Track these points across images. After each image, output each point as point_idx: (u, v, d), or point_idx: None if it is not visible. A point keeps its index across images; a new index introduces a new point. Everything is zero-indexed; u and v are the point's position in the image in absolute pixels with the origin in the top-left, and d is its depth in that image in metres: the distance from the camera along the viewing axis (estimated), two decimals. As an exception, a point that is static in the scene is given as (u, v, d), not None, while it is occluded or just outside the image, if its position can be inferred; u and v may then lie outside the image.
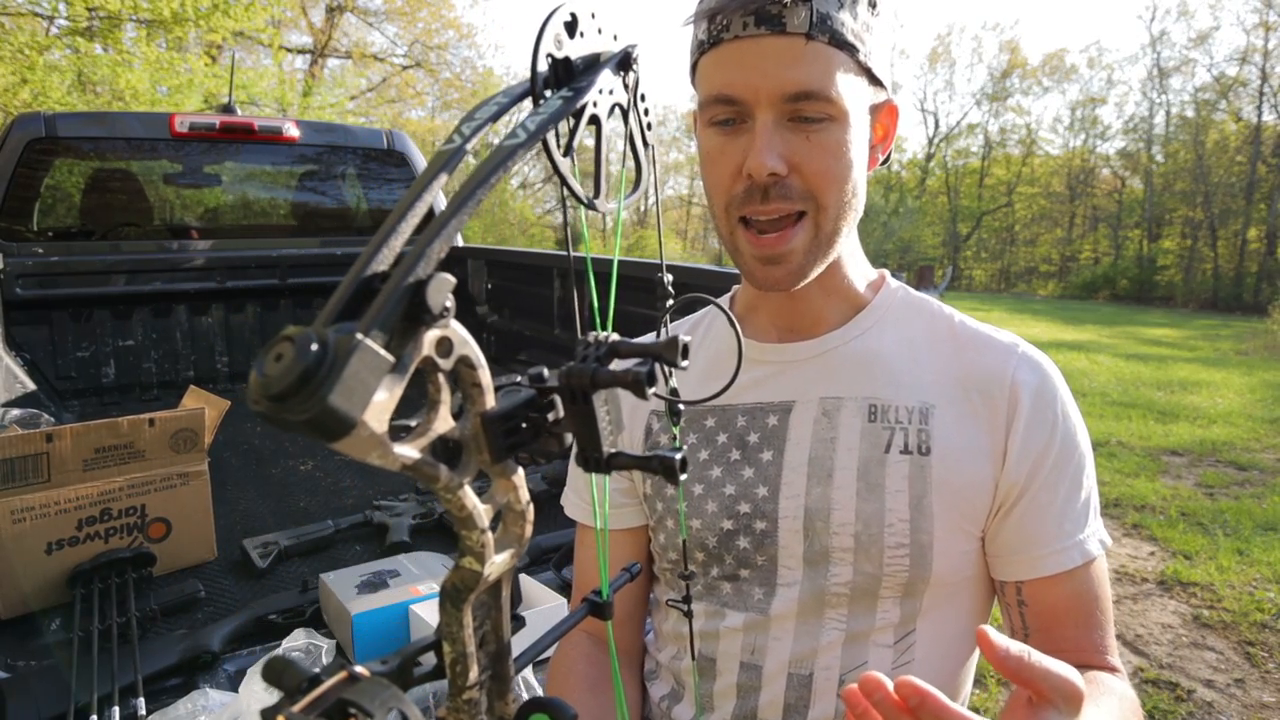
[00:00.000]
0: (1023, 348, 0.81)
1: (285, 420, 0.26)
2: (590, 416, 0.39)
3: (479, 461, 0.37)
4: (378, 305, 0.30)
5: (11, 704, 1.14)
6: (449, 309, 0.32)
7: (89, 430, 1.57)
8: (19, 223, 2.80)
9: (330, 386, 0.26)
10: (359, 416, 0.27)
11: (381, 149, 3.40)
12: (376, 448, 0.29)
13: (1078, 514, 0.78)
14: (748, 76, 0.70)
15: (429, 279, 0.31)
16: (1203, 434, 5.91)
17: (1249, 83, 26.05)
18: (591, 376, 0.38)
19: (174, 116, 2.99)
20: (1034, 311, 18.69)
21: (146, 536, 1.62)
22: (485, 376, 0.37)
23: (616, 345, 0.40)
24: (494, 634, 0.42)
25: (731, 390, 0.84)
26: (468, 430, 0.37)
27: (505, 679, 0.42)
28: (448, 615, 0.38)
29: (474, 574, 0.37)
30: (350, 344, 0.27)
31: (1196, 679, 2.61)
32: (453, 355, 0.34)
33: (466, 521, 0.36)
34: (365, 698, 0.32)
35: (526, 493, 0.40)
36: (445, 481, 0.34)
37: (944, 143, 35.89)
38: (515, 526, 0.40)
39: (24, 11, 9.43)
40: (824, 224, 0.74)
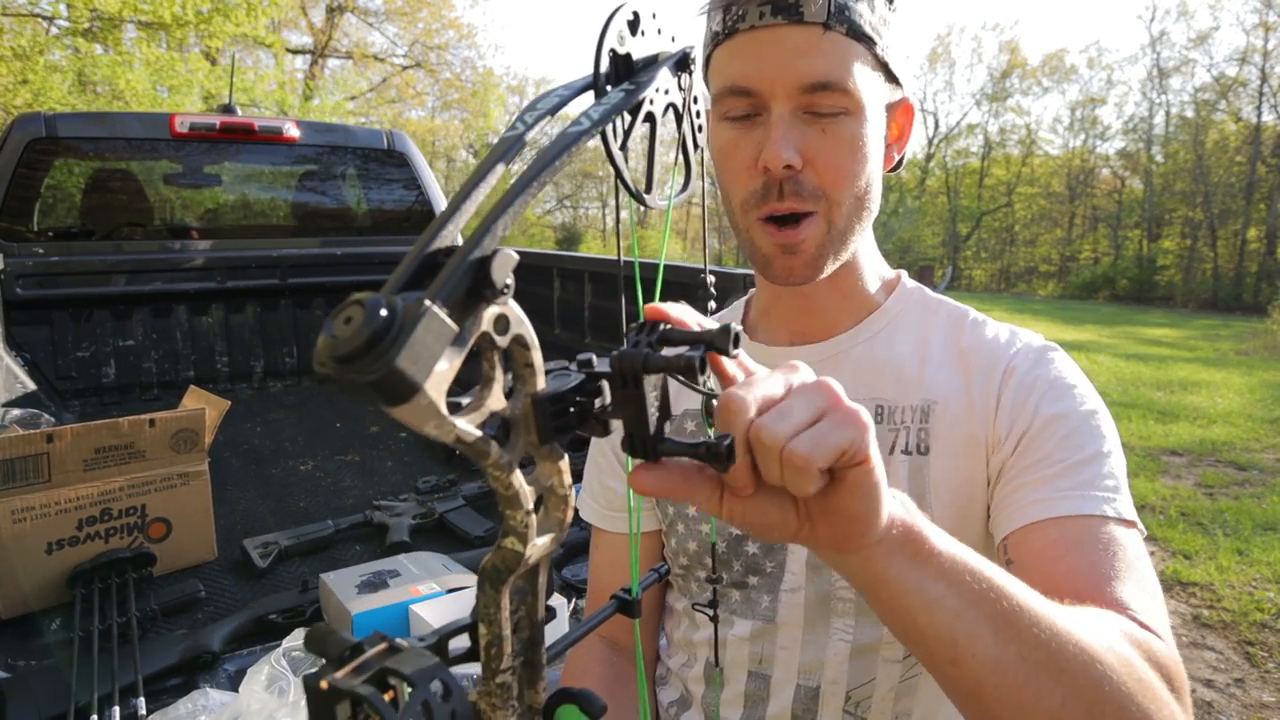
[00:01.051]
0: (1027, 336, 0.79)
1: (351, 381, 0.26)
2: (640, 401, 0.39)
3: (527, 443, 0.37)
4: (444, 276, 0.30)
5: (12, 704, 1.14)
6: (510, 286, 0.33)
7: (89, 430, 1.57)
8: (19, 223, 2.80)
9: (398, 349, 0.26)
10: (423, 382, 0.27)
11: (382, 149, 3.40)
12: (434, 417, 0.29)
13: (1077, 473, 0.68)
14: (763, 67, 0.69)
15: (494, 254, 0.32)
16: (1202, 434, 5.91)
17: (1249, 83, 26.05)
18: (644, 361, 0.38)
19: (174, 117, 2.99)
20: (1034, 311, 18.68)
21: (147, 536, 1.62)
22: (538, 357, 0.36)
23: (668, 332, 0.40)
24: (528, 620, 0.41)
25: None
26: (518, 410, 0.37)
27: (537, 667, 0.42)
28: (486, 597, 0.38)
29: (516, 555, 0.37)
30: (419, 310, 0.27)
31: (1196, 679, 2.61)
32: (509, 333, 0.34)
33: (512, 501, 0.36)
34: (407, 665, 0.32)
35: (570, 477, 0.40)
36: (495, 459, 0.35)
37: (944, 143, 35.90)
38: (557, 510, 0.40)
39: (24, 12, 9.43)
40: (836, 220, 0.72)
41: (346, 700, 0.30)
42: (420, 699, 0.31)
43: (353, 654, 0.33)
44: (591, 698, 0.44)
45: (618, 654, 0.90)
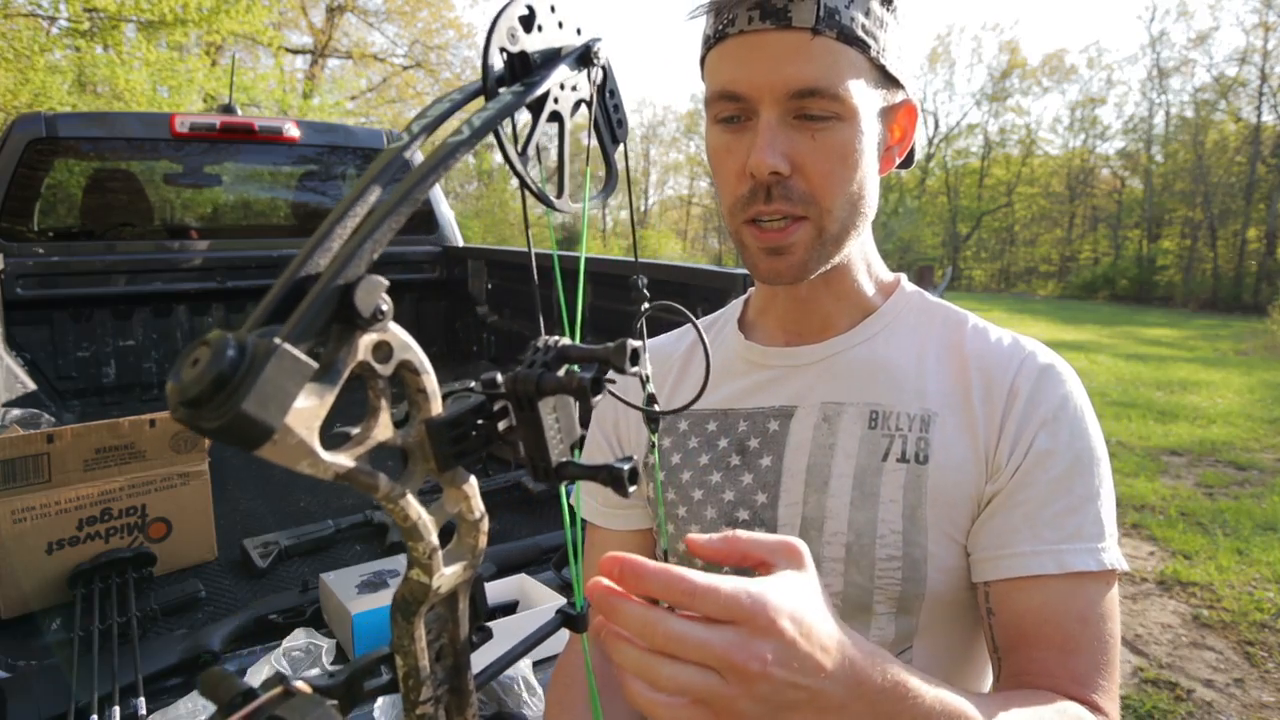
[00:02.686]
0: (1031, 350, 0.77)
1: (201, 427, 0.25)
2: (537, 424, 0.37)
3: (426, 470, 0.36)
4: (302, 309, 0.29)
5: (12, 704, 1.14)
6: (384, 312, 0.31)
7: (90, 431, 1.57)
8: (19, 223, 2.80)
9: (245, 393, 0.25)
10: (277, 424, 0.26)
11: (381, 149, 3.40)
12: (305, 456, 0.28)
13: (1065, 521, 0.70)
14: (751, 72, 0.69)
15: (358, 281, 0.30)
16: (1202, 434, 5.91)
17: (1248, 83, 26.05)
18: (537, 383, 0.37)
19: (174, 117, 2.99)
20: (1034, 311, 18.68)
21: (147, 536, 1.62)
22: (430, 382, 0.35)
23: (566, 350, 0.38)
24: (451, 648, 0.40)
25: (734, 394, 0.83)
26: (412, 437, 0.36)
27: (464, 693, 0.41)
28: (398, 628, 0.37)
29: (422, 586, 0.36)
30: (268, 349, 0.26)
31: (1196, 679, 2.61)
32: (392, 360, 0.33)
33: (411, 532, 0.35)
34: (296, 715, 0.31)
35: (479, 502, 0.39)
36: (386, 491, 0.33)
37: (944, 143, 35.90)
38: (469, 537, 0.39)
39: (24, 13, 9.42)
40: (828, 226, 0.72)
41: None
42: None
43: (244, 700, 0.32)
44: None
45: (606, 662, 0.89)
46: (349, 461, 0.31)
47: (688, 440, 0.85)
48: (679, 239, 39.34)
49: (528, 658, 1.26)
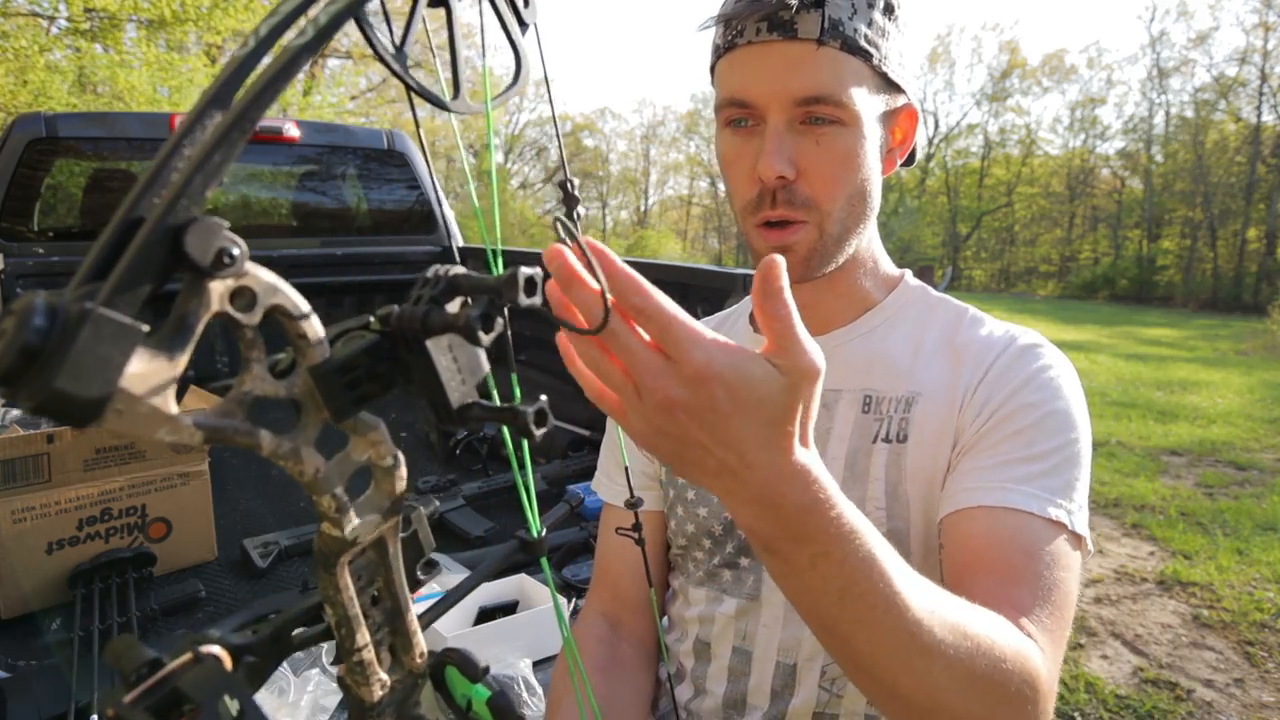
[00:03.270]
0: (1023, 336, 0.79)
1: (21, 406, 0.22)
2: (430, 365, 0.33)
3: (319, 420, 0.33)
4: (123, 263, 0.25)
5: (12, 704, 1.14)
6: (234, 256, 0.27)
7: (90, 430, 1.57)
8: (19, 223, 2.80)
9: (56, 368, 0.22)
10: (105, 393, 0.23)
11: (381, 149, 3.40)
12: (161, 423, 0.25)
13: (1018, 468, 0.70)
14: (759, 81, 0.72)
15: (189, 224, 0.26)
16: (1202, 434, 5.91)
17: (1248, 83, 26.06)
18: (423, 320, 0.33)
19: (174, 117, 2.99)
20: (1034, 311, 18.69)
21: (147, 536, 1.62)
22: (311, 327, 0.32)
23: (457, 280, 0.34)
24: (387, 591, 0.39)
25: None
26: (299, 387, 0.32)
27: (407, 634, 0.40)
28: (321, 580, 0.35)
29: (335, 539, 0.34)
30: (80, 315, 0.23)
31: (1196, 679, 2.61)
32: (258, 307, 0.30)
33: (312, 486, 0.33)
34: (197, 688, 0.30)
35: (390, 446, 0.36)
36: (271, 448, 0.31)
37: (944, 143, 35.90)
38: (385, 483, 0.36)
39: (24, 12, 9.43)
40: (829, 228, 0.76)
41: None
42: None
43: (150, 670, 0.30)
44: (470, 659, 0.43)
45: (617, 635, 0.93)
46: (218, 421, 0.28)
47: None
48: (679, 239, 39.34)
49: (527, 657, 1.26)
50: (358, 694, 0.38)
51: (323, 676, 1.18)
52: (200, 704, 0.29)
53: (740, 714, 0.83)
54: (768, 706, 0.82)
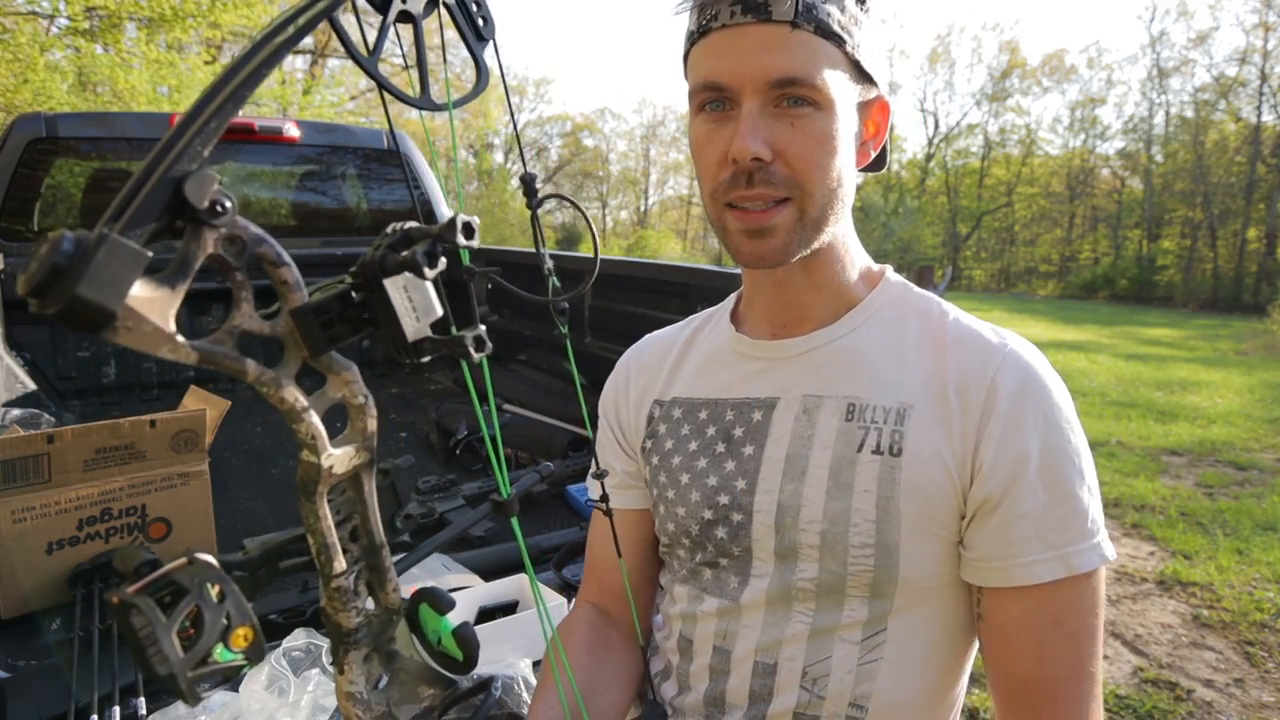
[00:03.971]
0: (1012, 346, 0.78)
1: (47, 314, 0.28)
2: (387, 303, 0.39)
3: (299, 357, 0.39)
4: (135, 203, 0.31)
5: (12, 704, 1.14)
6: (225, 207, 0.34)
7: (90, 431, 1.57)
8: (19, 223, 2.80)
9: (78, 278, 0.27)
10: (116, 306, 0.28)
11: (381, 149, 3.40)
12: (163, 342, 0.31)
13: (1068, 525, 0.72)
14: (733, 64, 0.72)
15: (187, 175, 0.33)
16: (1202, 434, 5.91)
17: (1248, 83, 26.05)
18: (380, 263, 0.39)
19: (174, 117, 2.99)
20: (1034, 311, 18.69)
21: (147, 536, 1.62)
22: (292, 274, 0.38)
23: (410, 231, 0.41)
24: (364, 528, 0.43)
25: (724, 384, 0.88)
26: (281, 327, 0.38)
27: (382, 570, 0.44)
28: (303, 508, 0.40)
29: (313, 465, 0.39)
30: (99, 238, 0.28)
31: (1196, 679, 2.61)
32: (246, 253, 0.36)
33: (291, 415, 0.38)
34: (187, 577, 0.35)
35: (362, 386, 0.41)
36: (255, 374, 0.36)
37: (944, 143, 35.90)
38: (358, 421, 0.42)
39: (23, 12, 9.42)
40: (809, 209, 0.75)
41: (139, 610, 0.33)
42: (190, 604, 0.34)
43: (149, 568, 0.36)
44: (441, 595, 0.46)
45: (606, 621, 0.95)
46: (211, 346, 0.34)
47: (680, 427, 0.89)
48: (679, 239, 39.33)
49: (527, 657, 1.26)
50: (336, 620, 0.43)
51: (323, 676, 1.18)
52: (190, 589, 0.35)
53: (721, 712, 0.83)
54: (747, 706, 0.81)
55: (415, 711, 0.47)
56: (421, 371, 3.58)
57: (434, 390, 3.36)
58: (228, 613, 0.35)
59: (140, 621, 0.33)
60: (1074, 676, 0.72)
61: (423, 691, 0.47)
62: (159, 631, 0.33)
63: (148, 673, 0.33)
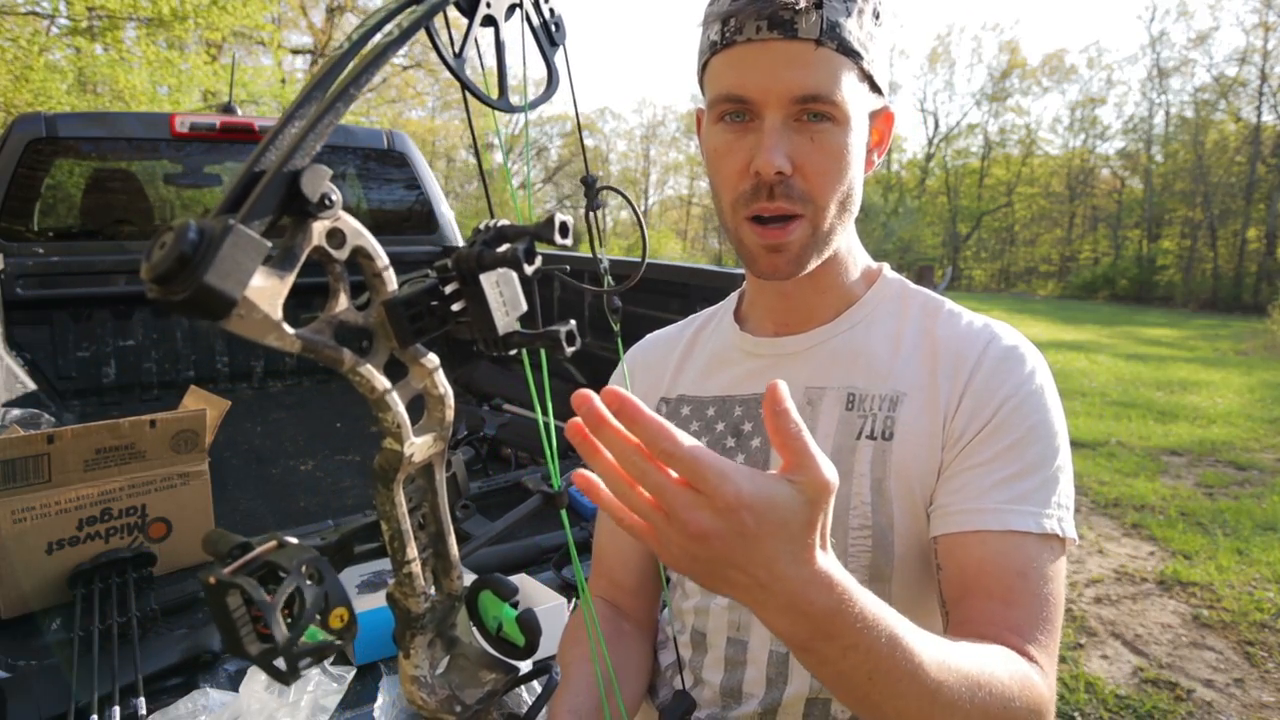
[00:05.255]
0: (998, 331, 0.81)
1: (171, 302, 0.28)
2: (481, 297, 0.40)
3: (388, 347, 0.40)
4: (254, 195, 0.32)
5: (12, 704, 1.14)
6: (333, 200, 0.34)
7: (90, 431, 1.57)
8: (19, 223, 2.80)
9: (206, 267, 0.28)
10: (238, 295, 0.29)
11: (381, 149, 3.40)
12: (272, 330, 0.32)
13: (1012, 485, 0.73)
14: (759, 78, 0.73)
15: (303, 169, 0.33)
16: (1202, 434, 5.91)
17: (1248, 83, 26.06)
18: (477, 258, 0.40)
19: (174, 116, 2.99)
20: (1034, 311, 18.69)
21: (147, 536, 1.62)
22: (386, 267, 0.39)
23: (504, 229, 0.42)
24: (432, 516, 0.45)
25: (731, 381, 0.90)
26: (373, 318, 0.39)
27: (448, 558, 0.45)
28: (380, 495, 0.41)
29: (395, 453, 0.40)
30: (224, 228, 0.29)
31: (1196, 679, 2.61)
32: (347, 246, 0.36)
33: (379, 403, 0.39)
34: (284, 559, 0.35)
35: (443, 378, 0.42)
36: (350, 364, 0.37)
37: (944, 143, 35.90)
38: (437, 411, 0.42)
39: (23, 12, 9.42)
40: (821, 224, 0.78)
41: (236, 591, 0.33)
42: (293, 584, 0.35)
43: (241, 551, 0.36)
44: (504, 582, 0.47)
45: (618, 615, 0.97)
46: (312, 335, 0.35)
47: (690, 424, 0.91)
48: (679, 239, 39.32)
49: (528, 658, 1.26)
50: (405, 605, 0.44)
51: (323, 676, 1.18)
52: (289, 569, 0.35)
53: (737, 703, 0.85)
54: (763, 695, 0.83)
55: (479, 695, 0.48)
56: None
57: None
58: (325, 593, 0.35)
59: (234, 603, 0.33)
60: (1042, 629, 0.70)
61: (484, 676, 0.48)
62: (266, 610, 0.33)
63: (239, 653, 0.34)
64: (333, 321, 0.37)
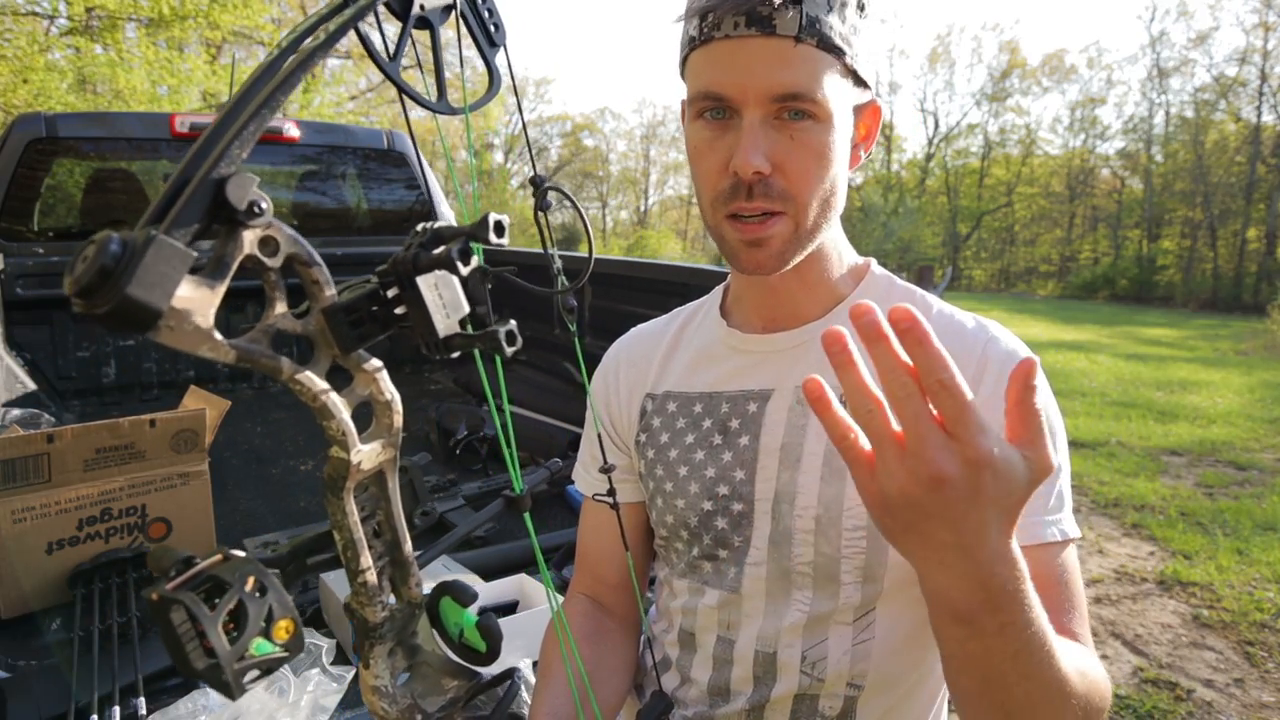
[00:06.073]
0: (992, 331, 0.81)
1: (96, 314, 0.28)
2: (420, 300, 0.39)
3: (329, 355, 0.39)
4: (178, 205, 0.31)
5: (12, 704, 1.14)
6: (263, 208, 0.34)
7: (89, 431, 1.57)
8: (19, 223, 2.80)
9: (128, 278, 0.27)
10: (163, 306, 0.29)
11: (381, 149, 3.40)
12: (204, 341, 0.31)
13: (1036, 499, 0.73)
14: (736, 76, 0.72)
15: (229, 177, 0.33)
16: (1202, 434, 5.91)
17: (1248, 83, 26.06)
18: (413, 261, 0.39)
19: (174, 116, 2.99)
20: (1034, 311, 18.69)
21: (147, 536, 1.62)
22: (322, 274, 0.38)
23: (440, 230, 0.41)
24: (387, 524, 0.44)
25: (718, 378, 0.89)
26: (313, 325, 0.39)
27: (405, 565, 0.45)
28: (330, 504, 0.41)
29: (342, 461, 0.39)
30: (146, 239, 0.28)
31: (1196, 679, 2.61)
32: (280, 254, 0.36)
33: (322, 411, 0.38)
34: (227, 572, 0.35)
35: (389, 384, 0.41)
36: (289, 372, 0.36)
37: (944, 143, 35.89)
38: (385, 417, 0.42)
39: (23, 12, 9.42)
40: (803, 220, 0.76)
41: (179, 606, 0.33)
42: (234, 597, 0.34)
43: (185, 566, 0.36)
44: (464, 588, 0.46)
45: (601, 611, 0.97)
46: (248, 345, 0.34)
47: (675, 420, 0.91)
48: (679, 239, 39.33)
49: (527, 657, 1.26)
50: (363, 615, 0.43)
51: (323, 676, 1.18)
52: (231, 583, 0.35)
53: (725, 700, 0.85)
54: (750, 692, 0.84)
55: (440, 703, 0.47)
56: (421, 372, 3.58)
57: (433, 390, 3.36)
58: (270, 605, 0.35)
59: (179, 618, 0.33)
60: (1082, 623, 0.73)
61: (446, 683, 0.47)
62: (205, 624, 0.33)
63: (186, 670, 0.33)
64: (270, 330, 0.36)
